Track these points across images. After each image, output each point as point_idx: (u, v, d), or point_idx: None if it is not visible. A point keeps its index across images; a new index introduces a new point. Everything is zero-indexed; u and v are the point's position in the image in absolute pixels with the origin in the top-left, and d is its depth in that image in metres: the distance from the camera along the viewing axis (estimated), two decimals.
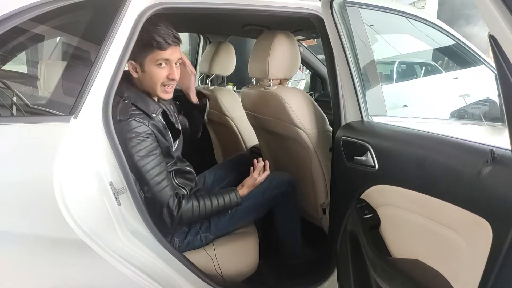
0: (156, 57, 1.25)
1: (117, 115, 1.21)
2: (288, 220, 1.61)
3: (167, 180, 1.29)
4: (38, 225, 1.05)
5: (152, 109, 1.30)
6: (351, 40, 1.33)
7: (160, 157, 1.28)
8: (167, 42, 1.24)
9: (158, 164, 1.27)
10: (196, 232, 1.43)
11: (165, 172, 1.29)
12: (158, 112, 1.32)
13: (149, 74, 1.28)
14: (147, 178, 1.24)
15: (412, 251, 1.05)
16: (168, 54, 1.26)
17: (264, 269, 1.64)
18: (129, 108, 1.24)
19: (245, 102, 1.91)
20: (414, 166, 1.02)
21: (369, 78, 1.44)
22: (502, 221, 0.76)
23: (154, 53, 1.25)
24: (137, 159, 1.22)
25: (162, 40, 1.23)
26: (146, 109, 1.28)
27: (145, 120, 1.26)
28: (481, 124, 1.60)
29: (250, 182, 1.45)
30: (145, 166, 1.24)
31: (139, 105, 1.27)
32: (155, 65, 1.27)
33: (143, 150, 1.23)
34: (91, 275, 1.17)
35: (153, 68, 1.27)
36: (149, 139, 1.25)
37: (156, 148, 1.28)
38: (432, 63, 4.42)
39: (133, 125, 1.22)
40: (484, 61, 1.74)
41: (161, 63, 1.27)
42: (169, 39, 1.24)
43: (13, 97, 1.10)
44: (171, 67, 1.29)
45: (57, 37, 1.45)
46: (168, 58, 1.27)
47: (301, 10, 1.43)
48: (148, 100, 1.32)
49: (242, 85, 2.03)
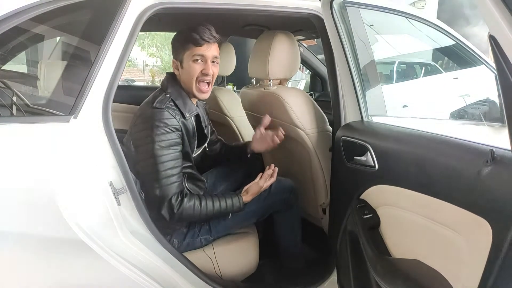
0: (192, 52, 1.32)
1: (154, 103, 1.29)
2: (288, 226, 1.61)
3: (178, 177, 1.30)
4: (38, 225, 1.05)
5: (188, 109, 1.36)
6: (351, 40, 1.33)
7: (179, 153, 1.32)
8: (203, 39, 1.31)
9: (174, 159, 1.29)
10: (195, 234, 1.43)
11: (178, 169, 1.31)
12: (192, 113, 1.38)
13: (186, 69, 1.35)
14: (159, 168, 1.26)
15: (412, 251, 1.05)
16: (203, 50, 1.32)
17: (264, 269, 1.63)
18: (167, 101, 1.31)
19: (245, 102, 1.91)
20: (414, 166, 1.02)
21: (369, 78, 1.44)
22: (502, 221, 0.76)
23: (191, 49, 1.32)
24: (157, 147, 1.25)
25: (198, 36, 1.30)
26: (183, 108, 1.34)
27: (177, 116, 1.31)
28: (481, 124, 1.60)
29: (255, 189, 1.44)
30: (162, 157, 1.26)
31: (178, 102, 1.34)
32: (191, 60, 1.33)
33: (165, 141, 1.27)
34: (91, 275, 1.17)
35: (189, 64, 1.34)
36: (175, 133, 1.29)
37: (178, 144, 1.31)
38: (432, 63, 4.42)
39: (165, 116, 1.27)
40: (484, 61, 1.74)
41: (197, 59, 1.33)
42: (205, 36, 1.31)
43: (13, 97, 1.10)
44: (206, 63, 1.34)
45: (57, 37, 1.45)
46: (203, 54, 1.33)
47: (301, 10, 1.43)
48: (187, 101, 1.38)
49: (242, 85, 2.03)
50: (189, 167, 1.43)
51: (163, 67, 15.67)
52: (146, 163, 1.26)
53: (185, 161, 1.38)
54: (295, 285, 1.54)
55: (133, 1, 1.16)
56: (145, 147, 1.26)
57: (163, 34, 13.86)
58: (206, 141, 1.54)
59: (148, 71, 16.31)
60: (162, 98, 1.31)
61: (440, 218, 0.95)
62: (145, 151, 1.26)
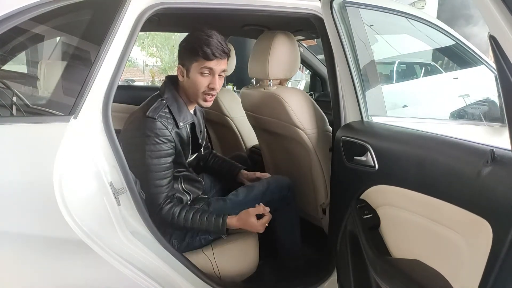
0: (201, 65, 1.29)
1: (147, 111, 1.26)
2: (287, 224, 1.61)
3: (166, 188, 1.30)
4: (38, 225, 1.05)
5: (183, 117, 1.34)
6: (351, 40, 1.33)
7: (170, 164, 1.31)
8: (214, 55, 1.27)
9: (164, 170, 1.29)
10: (195, 234, 1.43)
11: (168, 179, 1.31)
12: (186, 122, 1.36)
13: (193, 80, 1.32)
14: (148, 177, 1.27)
15: (412, 251, 1.05)
16: (213, 64, 1.29)
17: (264, 269, 1.63)
18: (161, 109, 1.29)
19: (245, 103, 1.91)
20: (414, 166, 1.02)
21: (369, 78, 1.44)
22: (502, 221, 0.76)
23: (200, 62, 1.28)
24: (147, 157, 1.25)
25: (209, 51, 1.26)
26: (177, 116, 1.32)
27: (170, 125, 1.29)
28: (481, 124, 1.60)
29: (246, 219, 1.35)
30: (151, 167, 1.26)
31: (173, 109, 1.32)
32: (198, 72, 1.30)
33: (156, 152, 1.26)
34: (90, 275, 1.17)
35: (196, 76, 1.31)
36: (167, 144, 1.28)
37: (169, 155, 1.30)
38: (432, 63, 4.42)
39: (157, 126, 1.26)
40: (484, 61, 1.74)
41: (205, 72, 1.30)
42: (217, 52, 1.27)
43: (13, 97, 1.10)
44: (214, 77, 1.32)
45: (57, 37, 1.44)
46: (212, 68, 1.30)
47: (301, 10, 1.43)
48: (183, 108, 1.36)
49: (242, 85, 2.03)
50: (184, 170, 1.43)
51: (163, 67, 15.66)
52: (136, 170, 1.25)
53: (179, 167, 1.39)
54: (295, 285, 1.54)
55: (133, 1, 1.16)
56: (135, 155, 1.25)
57: (163, 34, 13.88)
58: (200, 148, 1.53)
59: (148, 71, 16.31)
60: (157, 105, 1.29)
61: (440, 218, 0.94)
62: (135, 158, 1.25)
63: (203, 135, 1.56)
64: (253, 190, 1.50)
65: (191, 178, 1.47)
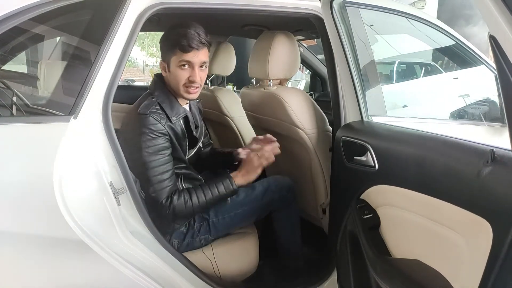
0: (179, 58, 1.28)
1: (138, 108, 1.27)
2: (288, 225, 1.61)
3: (169, 181, 1.29)
4: (38, 225, 1.06)
5: (175, 112, 1.34)
6: (351, 40, 1.33)
7: (169, 157, 1.31)
8: (190, 46, 1.25)
9: (164, 163, 1.28)
10: (195, 234, 1.43)
11: (169, 172, 1.30)
12: (179, 116, 1.36)
13: (173, 74, 1.32)
14: (149, 174, 1.26)
15: (412, 251, 1.05)
16: (190, 57, 1.27)
17: (264, 269, 1.63)
18: (152, 106, 1.29)
19: (245, 102, 1.91)
20: (414, 166, 1.02)
21: (369, 78, 1.44)
22: (502, 221, 0.76)
23: (178, 55, 1.28)
24: (144, 154, 1.25)
25: (186, 43, 1.25)
26: (169, 111, 1.32)
27: (163, 120, 1.29)
28: (481, 124, 1.60)
29: (250, 167, 1.39)
30: (150, 163, 1.26)
31: (164, 106, 1.32)
32: (177, 66, 1.29)
33: (152, 147, 1.26)
34: (90, 275, 1.17)
35: (176, 69, 1.30)
36: (162, 138, 1.28)
37: (167, 148, 1.30)
38: (432, 63, 4.42)
39: (149, 121, 1.25)
40: (484, 61, 1.74)
41: (184, 65, 1.29)
42: (193, 43, 1.25)
43: (13, 97, 1.10)
44: (193, 70, 1.30)
45: (57, 37, 1.45)
46: (190, 60, 1.28)
47: (301, 10, 1.43)
48: (174, 103, 1.36)
49: (242, 85, 2.03)
50: (184, 168, 1.42)
51: None
52: (136, 171, 1.25)
53: (179, 163, 1.38)
54: (295, 285, 1.54)
55: (133, 1, 1.16)
56: (134, 155, 1.25)
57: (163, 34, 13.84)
58: (198, 142, 1.52)
59: (148, 71, 16.31)
60: (148, 102, 1.29)
61: (440, 218, 0.94)
62: (134, 158, 1.25)
63: (200, 130, 1.54)
64: (253, 190, 1.50)
65: (191, 177, 1.47)
